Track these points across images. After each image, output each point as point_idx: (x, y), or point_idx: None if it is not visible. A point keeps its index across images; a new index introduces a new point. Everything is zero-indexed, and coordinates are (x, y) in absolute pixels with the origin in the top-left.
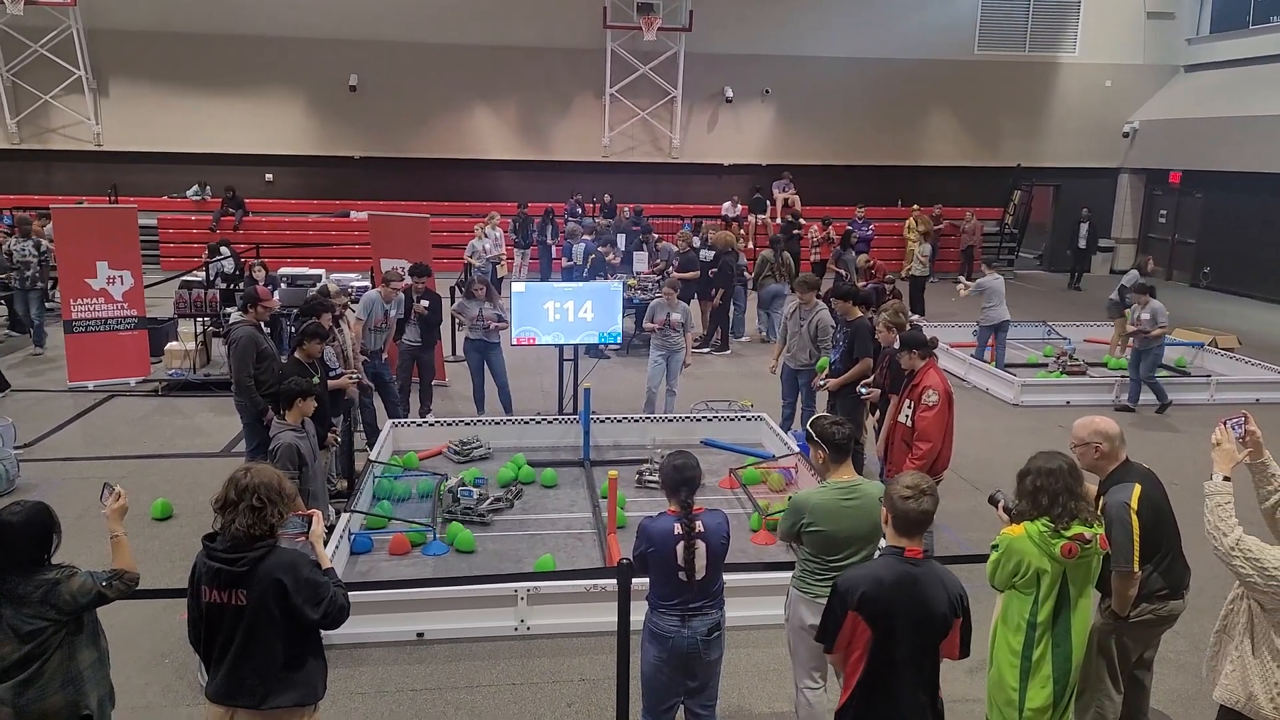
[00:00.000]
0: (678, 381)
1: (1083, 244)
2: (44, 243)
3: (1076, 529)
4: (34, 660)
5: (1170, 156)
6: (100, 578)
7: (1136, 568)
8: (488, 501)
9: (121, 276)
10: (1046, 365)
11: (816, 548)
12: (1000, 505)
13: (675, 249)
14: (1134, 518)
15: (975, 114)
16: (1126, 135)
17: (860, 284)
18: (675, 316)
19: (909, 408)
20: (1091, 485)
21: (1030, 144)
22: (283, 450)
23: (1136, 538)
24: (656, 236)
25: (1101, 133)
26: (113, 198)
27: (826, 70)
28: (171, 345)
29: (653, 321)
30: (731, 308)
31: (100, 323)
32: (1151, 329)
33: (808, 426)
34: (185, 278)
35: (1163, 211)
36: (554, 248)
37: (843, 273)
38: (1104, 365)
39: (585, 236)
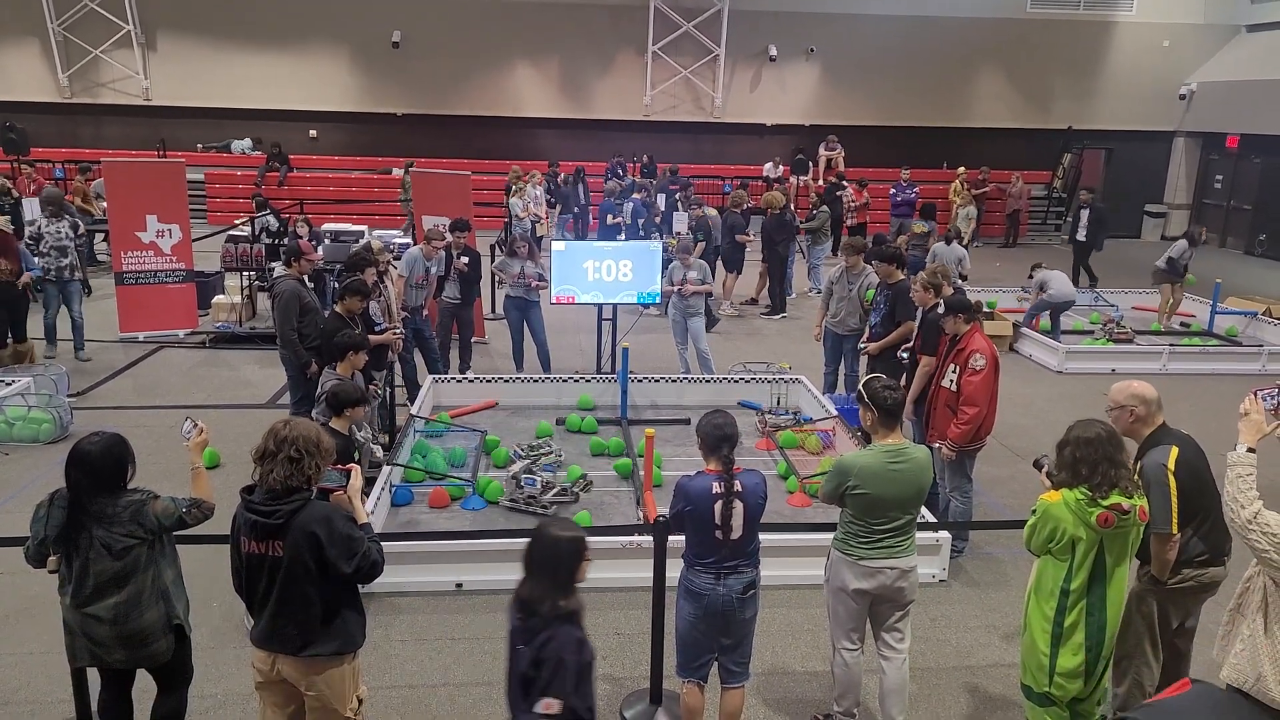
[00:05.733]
0: (705, 343)
1: (1082, 235)
2: (80, 223)
3: (1115, 498)
4: (128, 578)
5: (1228, 119)
6: (181, 503)
7: (1175, 529)
8: (553, 491)
9: (170, 230)
10: (1093, 332)
11: (860, 510)
12: (1044, 470)
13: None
14: (1171, 479)
15: (1026, 75)
16: (1183, 97)
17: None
18: (693, 275)
19: (954, 372)
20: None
21: (1082, 106)
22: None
23: (1174, 499)
24: (698, 198)
25: (1157, 95)
26: (161, 152)
27: (873, 28)
28: (218, 298)
29: (672, 284)
30: (784, 269)
31: (150, 275)
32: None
33: (860, 388)
34: (231, 232)
35: (1218, 177)
36: (590, 209)
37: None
38: (1153, 333)
39: (635, 196)
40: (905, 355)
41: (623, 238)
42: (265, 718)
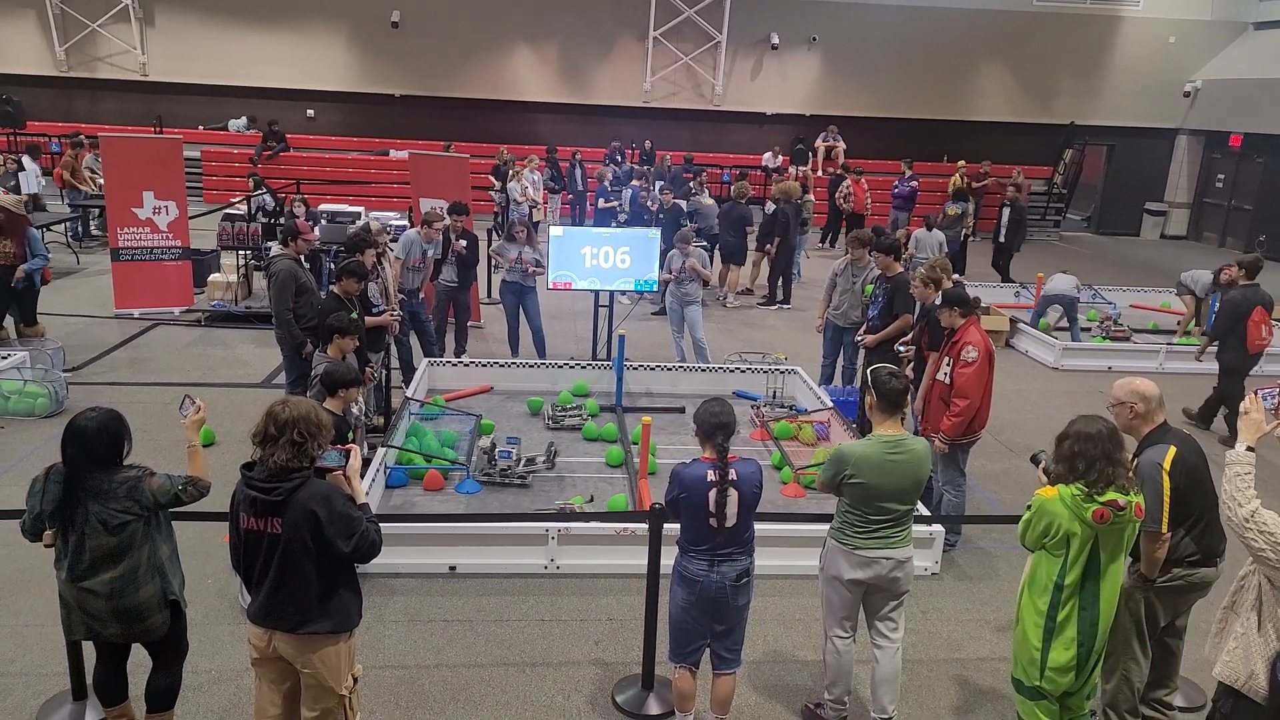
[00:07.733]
0: (701, 332)
1: (1002, 237)
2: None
3: (1111, 495)
4: (124, 553)
5: (1232, 118)
6: (177, 481)
7: (1165, 529)
8: (522, 463)
9: (167, 207)
10: (1090, 330)
11: (857, 500)
12: (1041, 466)
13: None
14: (1165, 478)
15: (1029, 68)
16: (1188, 95)
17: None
18: (691, 262)
19: (948, 365)
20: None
21: (1085, 101)
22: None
23: (1166, 498)
24: (688, 188)
25: (1161, 91)
26: (158, 128)
27: (876, 18)
28: (214, 277)
29: (669, 271)
30: (793, 258)
31: (146, 251)
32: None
33: (868, 372)
34: (228, 210)
35: (1220, 176)
36: (588, 195)
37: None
38: (1150, 331)
39: (634, 182)
40: (902, 349)
41: (624, 219)
42: (260, 694)
